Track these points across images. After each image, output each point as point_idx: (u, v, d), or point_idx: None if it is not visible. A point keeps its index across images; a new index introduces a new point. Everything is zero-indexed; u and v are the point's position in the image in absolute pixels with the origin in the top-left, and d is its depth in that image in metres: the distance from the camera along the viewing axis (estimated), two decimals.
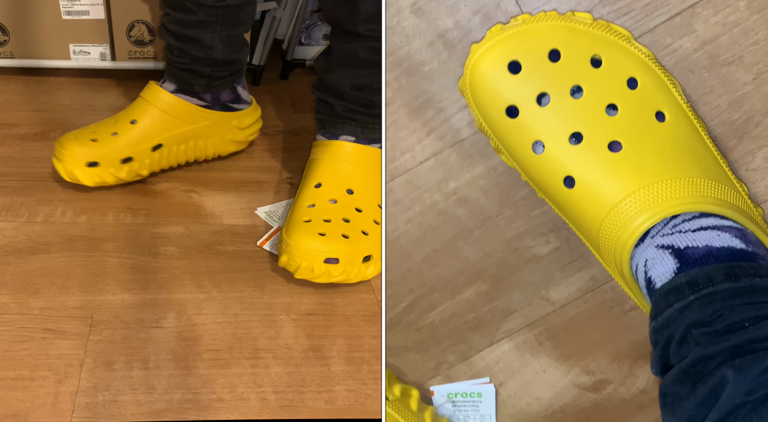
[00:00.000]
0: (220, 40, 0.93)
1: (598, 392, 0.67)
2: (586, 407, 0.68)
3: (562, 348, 0.67)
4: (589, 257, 0.65)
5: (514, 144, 0.56)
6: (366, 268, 0.79)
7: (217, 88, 0.97)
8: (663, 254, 0.52)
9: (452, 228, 0.65)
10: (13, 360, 0.69)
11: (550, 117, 0.54)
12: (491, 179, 0.64)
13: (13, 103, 1.13)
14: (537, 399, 0.68)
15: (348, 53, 0.85)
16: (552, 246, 0.65)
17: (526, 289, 0.66)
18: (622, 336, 0.66)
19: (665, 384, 0.50)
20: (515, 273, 0.66)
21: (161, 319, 0.75)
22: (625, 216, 0.52)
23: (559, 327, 0.67)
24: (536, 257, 0.65)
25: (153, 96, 0.93)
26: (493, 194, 0.64)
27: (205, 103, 0.96)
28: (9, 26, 1.14)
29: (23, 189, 0.93)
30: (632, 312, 0.66)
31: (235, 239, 0.88)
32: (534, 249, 0.65)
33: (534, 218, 0.64)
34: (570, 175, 0.54)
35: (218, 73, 0.96)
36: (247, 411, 0.66)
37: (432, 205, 0.64)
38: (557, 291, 0.66)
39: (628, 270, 0.54)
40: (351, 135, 0.88)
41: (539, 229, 0.65)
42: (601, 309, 0.66)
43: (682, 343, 0.49)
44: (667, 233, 0.52)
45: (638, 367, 0.67)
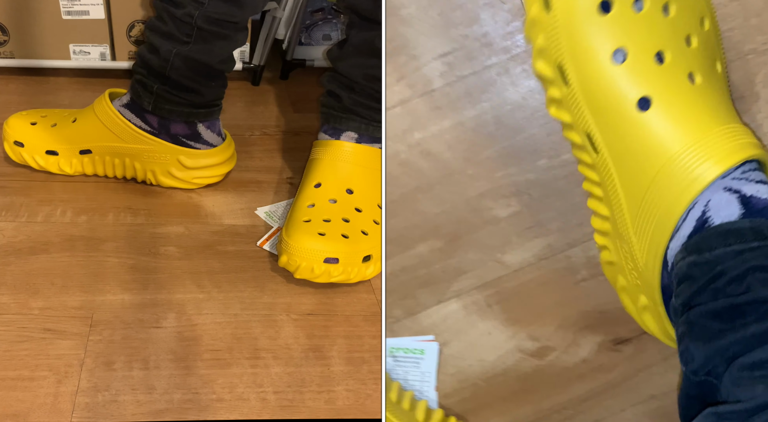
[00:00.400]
0: (180, 59, 0.88)
1: (541, 358, 0.67)
2: (527, 372, 0.67)
3: (511, 312, 0.67)
4: (547, 224, 0.65)
5: (593, 46, 0.50)
6: (366, 268, 0.79)
7: (168, 113, 0.91)
8: (731, 198, 0.50)
9: (413, 180, 0.64)
10: (13, 360, 0.69)
11: (642, 25, 0.50)
12: (458, 134, 0.63)
13: (13, 103, 1.13)
14: (480, 360, 0.67)
15: (364, 41, 0.85)
16: (512, 209, 0.64)
17: (482, 250, 0.65)
18: (571, 305, 0.66)
19: (698, 315, 0.48)
20: (472, 233, 0.65)
21: (161, 319, 0.75)
22: (706, 151, 0.49)
23: (510, 291, 0.66)
24: (495, 219, 0.65)
25: (98, 104, 0.93)
26: (458, 150, 0.63)
27: (149, 127, 0.92)
28: (9, 26, 1.14)
29: (23, 189, 0.93)
30: (583, 282, 0.66)
31: (235, 239, 0.88)
32: (494, 211, 0.65)
33: (497, 179, 0.64)
34: (647, 96, 0.50)
35: (169, 95, 0.90)
36: (247, 411, 0.66)
37: (394, 154, 0.64)
38: (512, 255, 0.66)
39: (681, 210, 0.51)
40: (354, 132, 0.88)
41: (501, 191, 0.64)
42: (553, 277, 0.66)
43: (739, 282, 0.47)
44: (737, 177, 0.50)
45: (582, 337, 0.67)
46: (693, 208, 0.51)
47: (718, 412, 0.46)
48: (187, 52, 0.88)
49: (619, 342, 0.67)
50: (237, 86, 1.25)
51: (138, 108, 0.92)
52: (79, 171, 0.95)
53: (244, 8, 0.88)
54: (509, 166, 0.63)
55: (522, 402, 0.68)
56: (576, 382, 0.68)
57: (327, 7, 1.29)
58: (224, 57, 0.92)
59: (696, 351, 0.48)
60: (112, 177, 0.96)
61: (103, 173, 0.95)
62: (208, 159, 0.94)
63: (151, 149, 0.92)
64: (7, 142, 0.95)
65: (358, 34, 0.86)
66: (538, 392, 0.68)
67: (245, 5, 0.88)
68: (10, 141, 0.94)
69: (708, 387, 0.48)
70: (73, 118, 0.94)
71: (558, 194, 0.65)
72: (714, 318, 0.47)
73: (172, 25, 0.87)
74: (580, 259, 0.66)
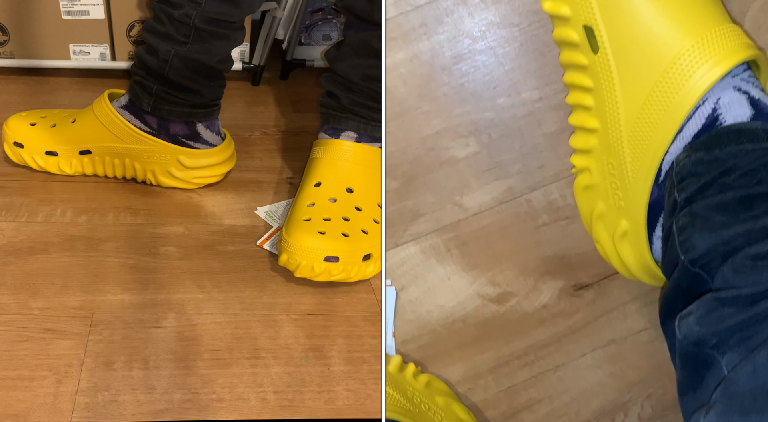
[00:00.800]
0: (179, 59, 0.88)
1: (501, 304, 0.66)
2: (487, 318, 0.66)
3: (470, 257, 0.65)
4: (507, 166, 0.63)
5: None
6: (366, 267, 0.79)
7: (167, 114, 0.91)
8: (741, 98, 0.49)
9: None
10: (13, 360, 0.69)
11: None
12: (413, 68, 0.61)
13: (13, 103, 1.13)
14: (439, 306, 0.66)
15: (361, 41, 0.85)
16: (471, 150, 0.62)
17: (439, 193, 0.64)
18: (531, 250, 0.65)
19: (703, 207, 0.47)
20: (429, 174, 0.63)
21: (161, 319, 0.75)
22: (714, 48, 0.49)
23: (469, 235, 0.65)
24: (453, 159, 0.63)
25: (97, 104, 0.93)
26: (412, 85, 0.61)
27: (148, 128, 0.92)
28: (9, 26, 1.14)
29: (23, 189, 0.93)
30: (544, 227, 0.65)
31: (235, 239, 0.88)
32: (451, 150, 0.63)
33: (455, 117, 0.62)
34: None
35: (168, 96, 0.90)
36: (247, 411, 0.66)
37: None
38: (471, 198, 0.64)
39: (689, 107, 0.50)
40: (354, 131, 0.88)
41: (459, 130, 0.62)
42: (513, 222, 0.65)
43: (750, 176, 0.46)
44: (744, 79, 0.50)
45: (543, 282, 0.66)
46: (702, 106, 0.50)
47: (719, 297, 0.44)
48: (186, 53, 0.88)
49: (579, 288, 0.66)
50: (237, 86, 1.25)
51: (137, 109, 0.92)
52: (79, 171, 0.95)
53: (241, 7, 0.88)
54: (467, 103, 0.61)
55: (482, 349, 0.67)
56: (536, 328, 0.67)
57: (327, 7, 1.29)
58: (223, 56, 0.92)
59: (699, 240, 0.46)
60: (112, 177, 0.96)
61: (102, 173, 0.95)
62: (208, 159, 0.94)
63: (151, 149, 0.92)
64: (6, 143, 0.95)
65: (355, 34, 0.86)
66: (499, 338, 0.66)
67: (243, 4, 0.88)
68: (9, 142, 0.94)
69: (699, 282, 0.47)
70: (72, 118, 0.94)
71: (518, 135, 0.63)
72: (721, 210, 0.46)
73: (170, 26, 0.87)
74: (540, 203, 0.65)
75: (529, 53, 0.62)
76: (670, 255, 0.50)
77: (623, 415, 0.68)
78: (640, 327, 0.67)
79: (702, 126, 0.50)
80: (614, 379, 0.68)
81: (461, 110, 0.62)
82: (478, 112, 0.62)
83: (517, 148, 0.63)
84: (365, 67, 0.85)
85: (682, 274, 0.48)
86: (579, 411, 0.68)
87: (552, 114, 0.63)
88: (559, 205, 0.65)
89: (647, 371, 0.68)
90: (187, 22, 0.86)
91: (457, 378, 0.67)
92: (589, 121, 0.56)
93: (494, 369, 0.67)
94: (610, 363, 0.67)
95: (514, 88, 0.62)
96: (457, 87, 0.61)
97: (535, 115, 0.63)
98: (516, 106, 0.63)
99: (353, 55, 0.86)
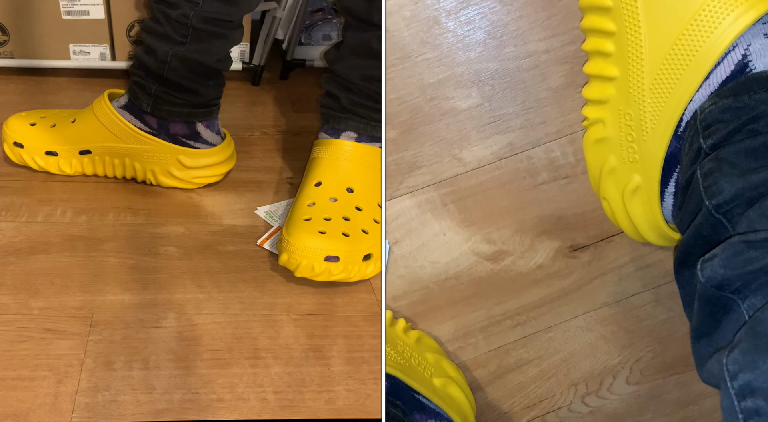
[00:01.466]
0: (177, 59, 0.88)
1: (495, 262, 0.65)
2: (481, 276, 0.65)
3: (467, 212, 0.64)
4: (509, 121, 0.62)
5: None
6: (366, 267, 0.79)
7: (167, 114, 0.91)
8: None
9: None
10: (13, 360, 0.69)
11: None
12: (417, 12, 0.59)
13: (13, 103, 1.13)
14: (432, 262, 0.65)
15: (361, 42, 0.85)
16: (473, 101, 0.61)
17: (438, 144, 0.62)
18: (529, 208, 0.64)
19: (731, 152, 0.46)
20: (428, 124, 0.62)
21: (161, 319, 0.75)
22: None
23: (467, 190, 0.63)
24: (454, 110, 0.61)
25: (97, 104, 0.93)
26: (416, 29, 0.60)
27: (148, 128, 0.92)
28: (9, 26, 1.14)
29: (23, 189, 0.93)
30: (543, 185, 0.64)
31: (235, 239, 0.88)
32: (453, 101, 0.61)
33: (457, 66, 0.60)
34: None
35: (167, 96, 0.90)
36: (247, 411, 0.66)
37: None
38: (470, 152, 0.63)
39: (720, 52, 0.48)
40: (354, 131, 0.88)
41: (461, 80, 0.61)
42: (512, 178, 0.63)
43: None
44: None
45: (540, 242, 0.65)
46: (731, 52, 0.49)
47: (746, 240, 0.43)
48: (184, 53, 0.88)
49: (576, 249, 0.65)
50: (237, 86, 1.25)
51: (137, 109, 0.92)
52: (78, 171, 0.95)
53: (239, 6, 0.88)
54: (471, 51, 0.60)
55: (474, 307, 0.66)
56: (530, 288, 0.66)
57: (327, 7, 1.29)
58: (221, 56, 0.92)
59: (726, 184, 0.45)
60: (112, 177, 0.96)
61: (102, 173, 0.95)
62: (208, 158, 0.94)
63: (151, 149, 0.92)
64: (6, 143, 0.95)
65: (354, 35, 0.86)
66: (492, 297, 0.66)
67: (241, 3, 0.88)
68: (9, 142, 0.94)
69: (722, 229, 0.46)
70: (72, 118, 0.94)
71: (522, 88, 0.62)
72: (750, 155, 0.45)
73: (168, 26, 0.87)
74: (541, 161, 0.63)
75: (537, 2, 0.60)
76: (691, 203, 0.49)
77: (612, 378, 0.68)
78: (633, 291, 0.67)
79: (731, 72, 0.49)
80: (605, 342, 0.67)
81: (465, 58, 0.60)
82: (482, 61, 0.61)
83: (520, 102, 0.62)
84: (365, 68, 0.85)
85: (704, 220, 0.47)
86: (568, 373, 0.68)
87: (558, 67, 0.62)
88: (559, 164, 0.63)
89: (638, 335, 0.68)
90: (184, 22, 0.86)
91: (448, 336, 0.66)
92: (608, 69, 0.54)
93: (485, 328, 0.66)
94: (601, 325, 0.67)
95: (521, 38, 0.61)
96: (461, 34, 0.59)
97: (540, 67, 0.61)
98: (521, 58, 0.61)
99: (353, 55, 0.86)
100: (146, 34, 0.89)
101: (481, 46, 0.61)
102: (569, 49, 0.61)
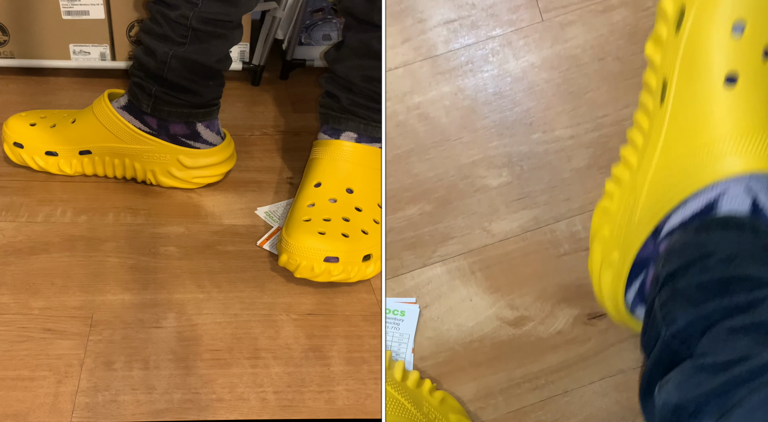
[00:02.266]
0: (177, 60, 0.88)
1: (517, 327, 0.69)
2: (503, 340, 0.69)
3: (493, 280, 0.69)
4: (536, 197, 0.67)
5: (720, 9, 0.52)
6: (366, 267, 0.79)
7: (167, 115, 0.91)
8: (746, 198, 0.52)
9: (408, 142, 0.67)
10: (13, 360, 0.69)
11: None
12: (457, 101, 0.66)
13: (13, 103, 1.13)
14: (458, 325, 0.69)
15: (361, 43, 0.85)
16: (503, 180, 0.67)
17: (470, 218, 0.68)
18: (551, 277, 0.69)
19: (685, 285, 0.50)
20: (462, 199, 0.68)
21: (161, 319, 0.75)
22: (752, 145, 0.52)
23: (494, 259, 0.68)
24: (486, 188, 0.67)
25: (97, 104, 0.93)
26: (455, 116, 0.66)
27: (148, 128, 0.92)
28: (9, 26, 1.14)
29: (23, 189, 0.93)
30: (565, 256, 0.68)
31: (235, 239, 0.88)
32: (485, 179, 0.67)
33: (491, 149, 0.66)
34: (736, 76, 0.52)
35: (167, 97, 0.90)
36: (247, 411, 0.66)
37: (393, 114, 0.66)
38: (499, 224, 0.68)
39: (700, 186, 0.53)
40: (354, 132, 0.88)
41: (494, 161, 0.67)
42: (536, 249, 0.68)
43: (728, 262, 0.49)
44: (764, 183, 0.52)
45: (560, 309, 0.69)
46: (710, 190, 0.53)
47: (696, 364, 0.46)
48: (184, 53, 0.88)
49: (593, 317, 0.69)
50: (237, 86, 1.25)
51: (136, 110, 0.92)
52: (78, 171, 0.95)
53: (238, 6, 0.88)
54: (504, 136, 0.66)
55: (496, 369, 0.69)
56: (549, 353, 0.69)
57: (327, 7, 1.29)
58: (221, 56, 0.92)
59: (681, 314, 0.49)
60: (112, 177, 0.96)
61: (102, 173, 0.95)
62: (208, 158, 0.94)
63: (151, 149, 0.92)
64: (6, 144, 0.95)
65: (355, 36, 0.86)
66: (512, 360, 0.69)
67: (240, 3, 0.88)
68: (9, 142, 0.94)
69: (679, 357, 0.49)
70: (72, 118, 0.94)
71: (548, 168, 0.67)
72: (701, 289, 0.49)
73: (167, 27, 0.87)
74: (563, 234, 0.68)
75: (565, 94, 0.67)
76: (651, 330, 0.53)
77: None
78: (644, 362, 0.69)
79: (700, 209, 0.53)
80: (620, 407, 0.70)
81: (498, 142, 0.66)
82: (514, 145, 0.67)
83: (547, 181, 0.68)
84: (365, 69, 0.85)
85: (663, 348, 0.51)
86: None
87: (582, 151, 0.67)
88: (581, 237, 0.68)
89: None
90: (184, 23, 0.86)
91: (470, 396, 0.69)
92: (631, 157, 0.60)
93: (505, 389, 0.69)
94: (617, 391, 0.69)
95: (549, 125, 0.67)
96: (496, 120, 0.65)
97: (566, 151, 0.67)
98: (549, 142, 0.67)
99: (353, 56, 0.86)
100: (145, 35, 0.89)
101: (513, 131, 0.67)
102: (592, 135, 0.68)
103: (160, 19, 0.87)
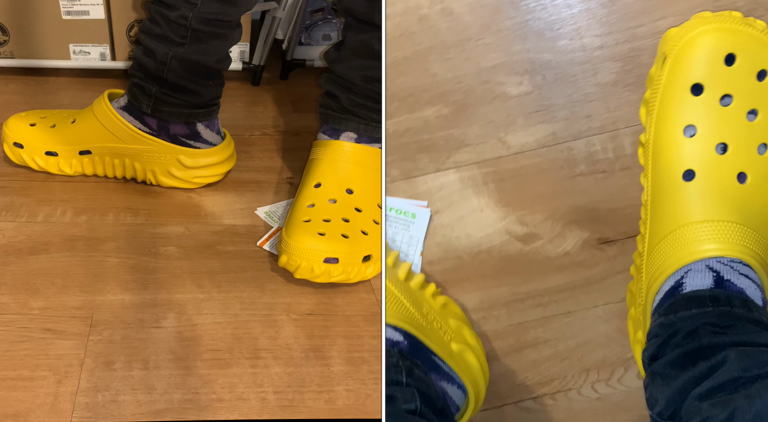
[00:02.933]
0: (177, 60, 0.88)
1: (526, 243, 0.68)
2: (511, 254, 0.68)
3: (505, 193, 0.67)
4: (556, 111, 0.65)
5: (673, 115, 0.57)
6: (366, 268, 0.79)
7: (167, 115, 0.91)
8: (708, 275, 0.56)
9: (429, 38, 0.64)
10: (13, 360, 0.69)
11: (721, 117, 0.56)
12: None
13: (13, 103, 1.13)
14: (467, 235, 0.68)
15: (361, 43, 0.85)
16: (523, 88, 0.64)
17: (486, 126, 0.66)
18: (563, 197, 0.67)
19: (660, 366, 0.54)
20: (479, 106, 0.65)
21: (161, 319, 0.75)
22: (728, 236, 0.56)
23: (508, 172, 0.67)
24: (504, 95, 0.64)
25: (97, 104, 0.93)
26: (479, 14, 0.63)
27: (147, 128, 0.92)
28: (9, 26, 1.14)
29: (23, 189, 0.93)
30: (580, 177, 0.66)
31: (235, 239, 0.88)
32: (504, 86, 0.64)
33: (513, 54, 0.63)
34: (694, 171, 0.57)
35: (167, 97, 0.90)
36: (247, 411, 0.66)
37: (416, 7, 0.63)
38: (515, 136, 0.66)
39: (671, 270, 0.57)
40: (353, 132, 0.88)
41: (515, 67, 0.64)
42: (551, 166, 0.66)
43: (691, 335, 0.53)
44: (725, 263, 0.56)
45: (569, 231, 0.68)
46: (677, 273, 0.57)
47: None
48: (183, 54, 0.88)
49: (603, 242, 0.68)
50: (237, 86, 1.26)
51: (136, 110, 0.92)
52: (78, 171, 0.95)
53: (238, 6, 0.88)
54: (528, 40, 0.63)
55: (501, 283, 0.69)
56: (555, 273, 0.68)
57: (327, 7, 1.29)
58: (221, 56, 0.92)
59: (659, 395, 0.53)
60: (112, 177, 0.96)
61: (103, 173, 0.95)
62: (208, 158, 0.94)
63: (151, 149, 0.92)
64: (6, 144, 0.95)
65: (355, 36, 0.86)
66: (518, 275, 0.68)
67: (239, 3, 0.88)
68: (9, 142, 0.94)
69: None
70: (72, 118, 0.94)
71: (572, 81, 0.64)
72: (672, 366, 0.53)
73: (167, 28, 0.87)
74: (581, 153, 0.66)
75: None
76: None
77: (623, 370, 0.69)
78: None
79: (669, 289, 0.57)
80: (620, 335, 0.69)
81: (521, 47, 0.63)
82: (537, 51, 0.63)
83: (569, 94, 0.64)
84: (365, 69, 0.85)
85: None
86: (582, 358, 0.69)
87: (609, 64, 0.64)
88: (598, 158, 0.66)
89: None
90: (183, 24, 0.86)
91: (473, 305, 0.69)
92: (640, 244, 0.62)
93: (509, 303, 0.69)
94: (619, 319, 0.68)
95: (577, 32, 0.63)
96: (521, 23, 0.62)
97: (592, 62, 0.64)
98: (575, 51, 0.63)
99: (353, 56, 0.86)
100: (145, 35, 0.89)
101: (538, 36, 0.64)
102: (622, 47, 0.64)
103: (159, 20, 0.87)
